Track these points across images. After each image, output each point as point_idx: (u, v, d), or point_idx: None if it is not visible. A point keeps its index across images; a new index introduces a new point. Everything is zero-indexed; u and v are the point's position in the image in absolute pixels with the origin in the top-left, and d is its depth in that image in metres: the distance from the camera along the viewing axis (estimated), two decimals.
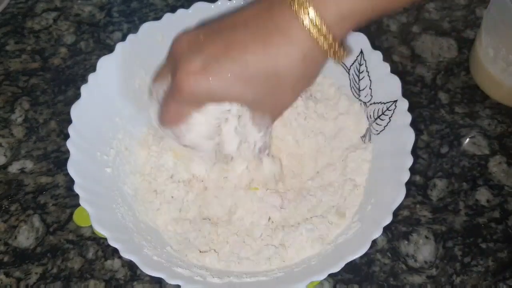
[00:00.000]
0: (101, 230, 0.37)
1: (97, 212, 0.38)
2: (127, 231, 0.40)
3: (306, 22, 0.33)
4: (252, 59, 0.34)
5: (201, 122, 0.38)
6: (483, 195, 0.49)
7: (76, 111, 0.43)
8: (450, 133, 0.52)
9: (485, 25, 0.50)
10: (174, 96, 0.37)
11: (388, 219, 0.37)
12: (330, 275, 0.37)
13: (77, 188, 0.39)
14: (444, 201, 0.48)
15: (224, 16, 0.43)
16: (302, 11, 0.33)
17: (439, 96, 0.54)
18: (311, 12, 0.33)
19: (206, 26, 0.38)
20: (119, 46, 0.46)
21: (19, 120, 0.53)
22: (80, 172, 0.40)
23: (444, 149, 0.51)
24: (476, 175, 0.50)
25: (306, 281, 0.36)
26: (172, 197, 0.45)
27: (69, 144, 0.41)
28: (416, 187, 0.49)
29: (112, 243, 0.37)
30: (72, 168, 0.40)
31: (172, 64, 0.37)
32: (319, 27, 0.33)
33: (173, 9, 0.48)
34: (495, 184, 0.49)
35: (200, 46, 0.35)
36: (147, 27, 0.47)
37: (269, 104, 0.38)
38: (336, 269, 0.36)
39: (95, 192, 0.40)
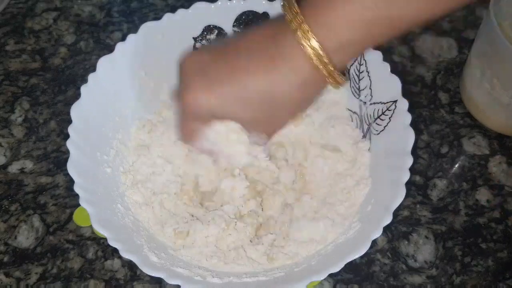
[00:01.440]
0: (101, 230, 0.37)
1: (97, 212, 0.38)
2: (127, 231, 0.40)
3: (309, 50, 0.34)
4: (253, 83, 0.36)
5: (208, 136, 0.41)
6: (483, 195, 0.49)
7: (76, 111, 0.43)
8: (450, 133, 0.52)
9: (475, 47, 0.50)
10: (182, 115, 0.40)
11: (388, 219, 0.37)
12: (330, 275, 0.37)
13: (77, 188, 0.39)
14: (444, 201, 0.48)
15: (229, 37, 0.48)
16: (306, 40, 0.34)
17: (439, 96, 0.54)
18: (314, 41, 0.34)
19: (212, 48, 0.40)
20: (119, 46, 0.46)
21: (19, 120, 0.53)
22: (80, 172, 0.40)
23: (444, 149, 0.51)
24: (476, 175, 0.50)
25: (306, 281, 0.36)
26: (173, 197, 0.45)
27: (69, 144, 0.41)
28: (416, 187, 0.49)
29: (112, 243, 0.37)
30: (72, 168, 0.40)
31: (180, 86, 0.39)
32: (321, 55, 0.34)
33: (173, 9, 0.48)
34: (495, 184, 0.49)
35: (205, 69, 0.37)
36: (147, 27, 0.47)
37: (265, 125, 0.40)
38: (336, 269, 0.36)
39: (95, 192, 0.40)
